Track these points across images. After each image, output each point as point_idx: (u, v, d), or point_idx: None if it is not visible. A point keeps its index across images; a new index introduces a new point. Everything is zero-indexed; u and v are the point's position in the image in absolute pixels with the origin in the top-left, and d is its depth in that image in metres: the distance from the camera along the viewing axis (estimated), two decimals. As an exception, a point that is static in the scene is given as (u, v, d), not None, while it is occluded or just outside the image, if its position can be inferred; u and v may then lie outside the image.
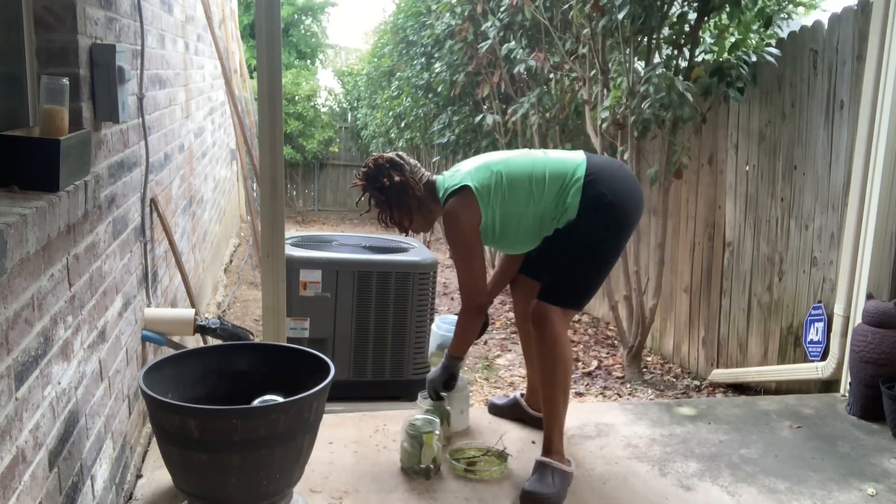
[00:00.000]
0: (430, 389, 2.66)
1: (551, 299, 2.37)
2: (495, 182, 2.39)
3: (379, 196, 2.47)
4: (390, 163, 2.47)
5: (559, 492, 2.32)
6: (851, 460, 2.67)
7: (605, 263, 2.42)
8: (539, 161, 2.43)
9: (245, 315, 5.38)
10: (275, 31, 2.63)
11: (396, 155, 2.51)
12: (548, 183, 2.38)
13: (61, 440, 1.64)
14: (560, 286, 2.40)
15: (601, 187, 2.34)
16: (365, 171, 2.49)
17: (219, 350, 2.29)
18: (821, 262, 3.35)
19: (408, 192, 2.46)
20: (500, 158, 2.48)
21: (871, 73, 3.00)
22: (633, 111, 3.73)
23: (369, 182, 2.48)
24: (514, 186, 2.39)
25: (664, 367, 4.42)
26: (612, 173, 2.39)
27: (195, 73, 4.55)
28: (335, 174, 12.18)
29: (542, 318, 2.36)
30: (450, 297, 6.26)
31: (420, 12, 6.62)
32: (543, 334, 2.37)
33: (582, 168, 2.38)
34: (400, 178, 2.45)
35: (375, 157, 2.49)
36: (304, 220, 11.06)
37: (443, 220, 2.46)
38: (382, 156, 2.50)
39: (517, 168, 2.42)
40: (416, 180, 2.48)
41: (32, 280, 1.47)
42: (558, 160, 2.43)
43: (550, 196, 2.37)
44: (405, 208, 2.48)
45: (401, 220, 2.51)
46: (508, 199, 2.39)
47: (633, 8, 3.55)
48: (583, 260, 2.38)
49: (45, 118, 1.64)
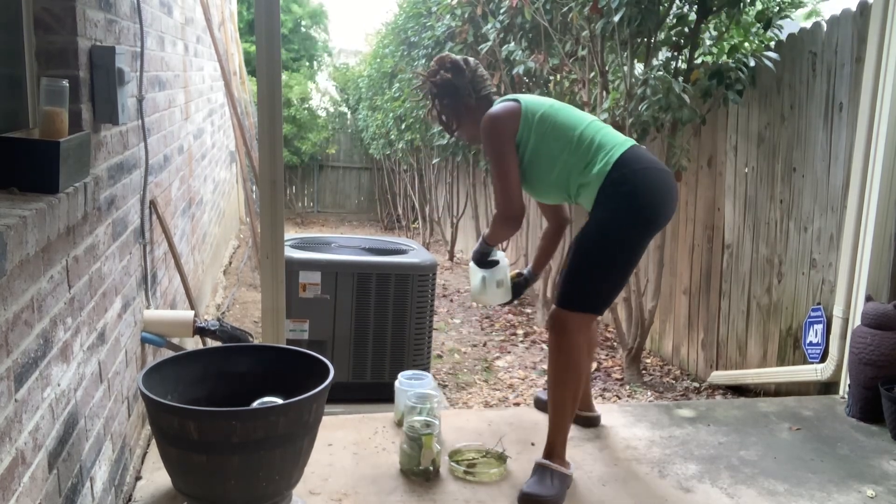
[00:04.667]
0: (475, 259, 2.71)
1: (565, 304, 2.33)
2: (544, 114, 2.39)
3: (432, 91, 2.54)
4: (452, 64, 2.52)
5: (558, 494, 2.31)
6: (851, 462, 2.67)
7: (612, 261, 2.29)
8: (594, 124, 2.41)
9: (244, 317, 5.38)
10: (275, 33, 2.63)
11: (464, 59, 2.55)
12: (588, 144, 2.34)
13: (61, 442, 1.64)
14: (562, 285, 2.35)
15: (626, 172, 2.26)
16: (432, 66, 2.56)
17: (218, 352, 2.29)
18: (820, 264, 3.35)
19: (458, 96, 2.50)
20: (563, 104, 2.49)
21: (869, 75, 3.00)
22: (632, 113, 3.73)
23: (429, 76, 2.55)
24: (559, 129, 2.38)
25: (663, 368, 4.42)
26: (644, 167, 2.29)
27: (195, 75, 4.55)
28: (334, 176, 12.19)
29: (559, 324, 2.33)
30: (449, 298, 6.26)
31: (421, 14, 6.62)
32: (559, 341, 2.33)
33: (620, 149, 2.31)
34: (452, 79, 2.49)
35: (443, 56, 2.55)
36: (303, 222, 11.07)
37: (481, 124, 2.44)
38: (450, 56, 2.55)
39: (570, 117, 2.42)
40: (472, 89, 2.51)
41: (32, 282, 1.47)
42: (609, 133, 2.40)
43: (583, 157, 2.33)
44: (450, 110, 2.54)
45: (447, 122, 2.57)
46: (548, 137, 2.38)
47: (629, 10, 3.56)
48: (587, 256, 2.30)
49: (44, 120, 1.64)
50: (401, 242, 4.22)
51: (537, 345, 4.93)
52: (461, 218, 7.91)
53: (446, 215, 8.34)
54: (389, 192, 11.08)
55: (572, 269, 2.33)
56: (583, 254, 2.31)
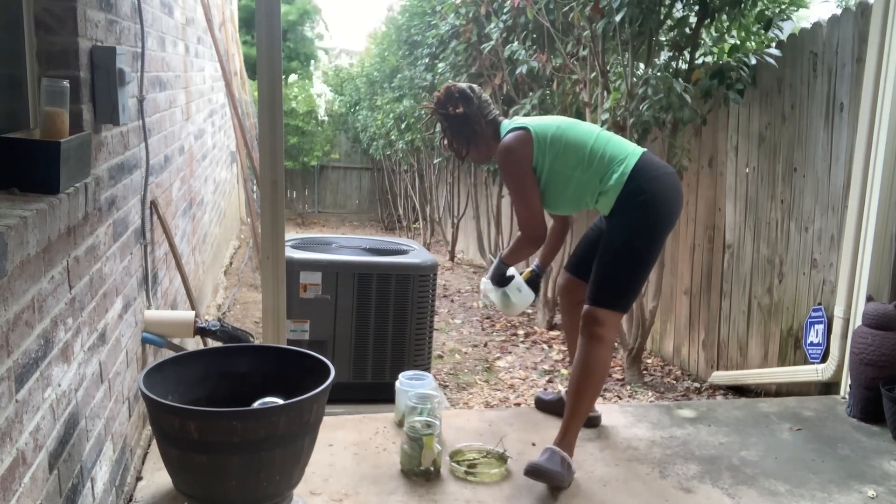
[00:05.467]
0: (493, 280, 2.83)
1: (603, 303, 2.44)
2: (554, 136, 2.51)
3: (443, 122, 2.66)
4: (460, 93, 2.62)
5: (565, 474, 2.36)
6: (852, 462, 2.67)
7: (638, 262, 2.45)
8: (602, 137, 2.54)
9: (245, 317, 5.38)
10: (275, 34, 2.63)
11: (469, 87, 2.66)
12: (599, 158, 2.48)
13: (61, 442, 1.64)
14: (597, 287, 2.47)
15: (642, 183, 2.42)
16: (438, 96, 2.66)
17: (219, 352, 2.29)
18: (821, 265, 3.35)
19: (469, 123, 2.61)
20: (567, 121, 2.60)
21: (870, 75, 3.00)
22: (633, 113, 3.73)
23: (437, 106, 2.66)
24: (570, 148, 2.50)
25: (664, 369, 4.42)
26: (657, 175, 2.45)
27: (195, 76, 4.55)
28: (335, 176, 12.19)
29: (596, 322, 2.43)
30: (449, 299, 6.26)
31: (425, 12, 6.63)
32: (593, 332, 2.43)
33: (633, 159, 2.46)
34: (464, 110, 2.60)
35: (448, 86, 2.66)
36: (304, 222, 11.07)
37: (497, 155, 2.57)
38: (456, 85, 2.65)
39: (579, 134, 2.53)
40: (481, 115, 2.62)
41: (33, 282, 1.47)
42: (618, 143, 2.53)
43: (598, 171, 2.47)
44: (463, 138, 2.65)
45: (459, 149, 2.68)
46: (561, 156, 2.50)
47: (630, 10, 3.56)
48: (616, 259, 2.44)
49: (45, 120, 1.64)
50: (401, 243, 4.22)
51: (538, 345, 4.93)
52: (462, 218, 7.91)
53: (447, 216, 8.34)
54: (390, 192, 11.08)
55: (605, 272, 2.46)
56: (613, 257, 2.45)
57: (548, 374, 4.33)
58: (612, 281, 2.45)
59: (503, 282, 2.82)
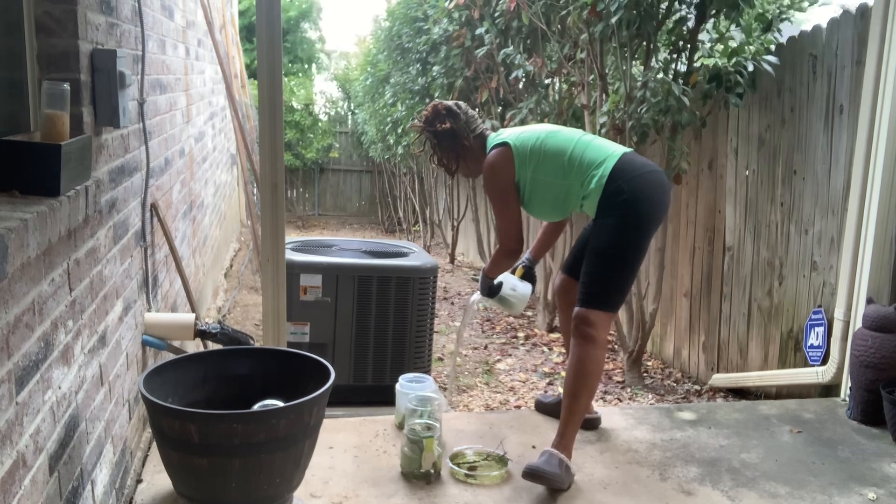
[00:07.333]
0: (483, 292, 2.90)
1: (594, 304, 2.46)
2: (534, 147, 2.57)
3: (431, 139, 2.73)
4: (447, 111, 2.70)
5: (563, 476, 2.36)
6: (852, 465, 2.67)
7: (624, 262, 2.46)
8: (581, 142, 2.57)
9: (245, 320, 5.38)
10: (275, 38, 2.64)
11: (455, 104, 2.73)
12: (578, 164, 2.52)
13: (62, 445, 1.64)
14: (586, 288, 2.48)
15: (622, 184, 2.44)
16: (425, 114, 2.73)
17: (219, 355, 2.29)
18: (821, 267, 3.35)
19: (457, 139, 2.68)
20: (548, 129, 2.64)
21: (870, 77, 3.00)
22: (632, 116, 3.73)
23: (426, 125, 2.72)
24: (550, 156, 2.55)
25: (664, 371, 4.42)
26: (639, 173, 2.46)
27: (196, 78, 4.56)
28: (335, 179, 12.19)
29: (588, 323, 2.45)
30: (450, 301, 6.26)
31: (416, 18, 6.59)
32: (585, 333, 2.45)
33: (612, 161, 2.48)
34: (452, 126, 2.67)
35: (435, 104, 2.73)
36: (304, 225, 11.07)
37: (483, 173, 2.65)
38: (442, 102, 2.73)
39: (559, 142, 2.57)
40: (468, 130, 2.69)
41: (33, 285, 1.47)
42: (598, 147, 2.56)
43: (578, 176, 2.52)
44: (452, 154, 2.72)
45: (448, 164, 2.75)
46: (542, 166, 2.56)
47: (628, 13, 3.56)
48: (602, 260, 2.47)
49: (46, 123, 1.65)
50: (402, 245, 4.22)
51: (538, 347, 4.93)
52: (462, 221, 7.91)
53: (447, 218, 8.34)
54: (390, 194, 11.08)
55: (593, 273, 2.48)
56: (600, 258, 2.48)
57: (548, 377, 4.33)
58: (599, 282, 2.47)
59: (493, 291, 2.88)
